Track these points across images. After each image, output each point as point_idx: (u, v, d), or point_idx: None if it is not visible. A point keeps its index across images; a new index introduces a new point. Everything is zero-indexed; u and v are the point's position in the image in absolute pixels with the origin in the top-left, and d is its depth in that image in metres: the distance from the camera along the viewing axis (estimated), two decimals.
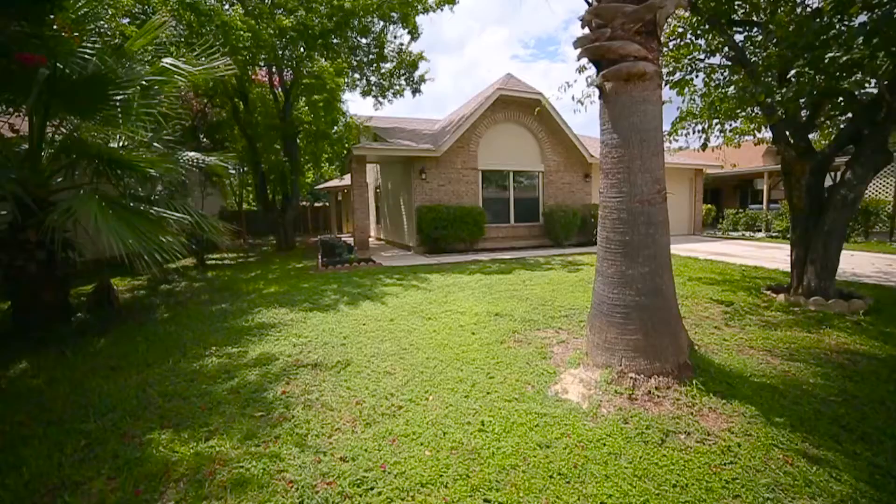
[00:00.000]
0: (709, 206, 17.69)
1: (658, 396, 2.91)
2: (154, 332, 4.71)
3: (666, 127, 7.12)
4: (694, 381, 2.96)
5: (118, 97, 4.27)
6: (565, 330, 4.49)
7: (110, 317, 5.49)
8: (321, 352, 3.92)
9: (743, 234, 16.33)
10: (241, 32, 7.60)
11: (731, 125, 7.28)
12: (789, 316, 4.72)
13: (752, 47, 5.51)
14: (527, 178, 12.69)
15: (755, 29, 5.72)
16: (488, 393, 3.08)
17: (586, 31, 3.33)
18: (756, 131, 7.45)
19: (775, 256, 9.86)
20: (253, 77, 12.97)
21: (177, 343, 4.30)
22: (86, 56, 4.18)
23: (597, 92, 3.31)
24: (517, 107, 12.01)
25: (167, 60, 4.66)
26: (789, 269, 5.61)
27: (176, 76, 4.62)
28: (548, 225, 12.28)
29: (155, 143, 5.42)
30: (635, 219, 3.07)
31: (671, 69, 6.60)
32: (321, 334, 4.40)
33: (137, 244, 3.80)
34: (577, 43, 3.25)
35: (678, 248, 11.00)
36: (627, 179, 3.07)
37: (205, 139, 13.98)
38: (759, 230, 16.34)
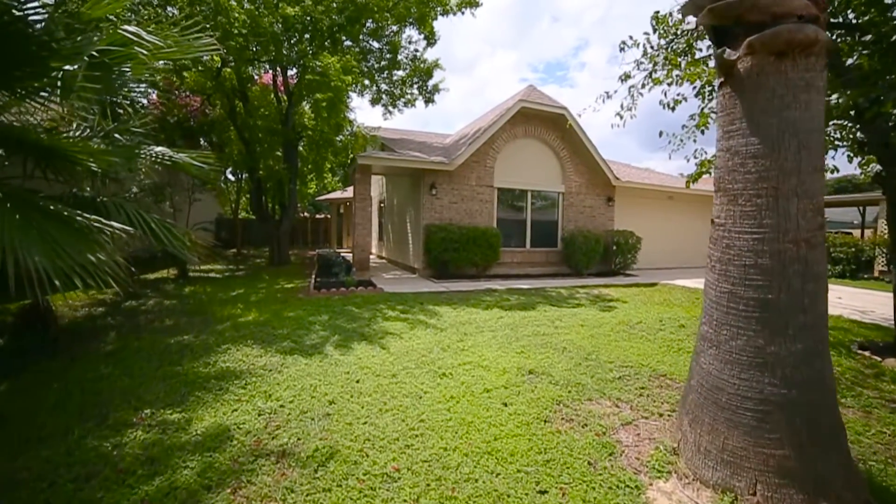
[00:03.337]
0: None
1: None
2: (81, 376, 3.58)
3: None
4: None
5: (53, 66, 3.26)
6: (626, 402, 3.36)
7: (40, 346, 4.38)
8: (295, 428, 2.78)
9: None
10: (237, 14, 6.69)
11: None
12: None
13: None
14: (546, 200, 11.68)
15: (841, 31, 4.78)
16: None
17: None
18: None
19: None
20: (256, 79, 12.16)
21: (102, 397, 3.17)
22: (13, 12, 3.19)
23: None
24: (539, 121, 11.10)
25: (128, 28, 3.68)
26: (893, 324, 4.50)
27: (137, 48, 3.62)
28: (567, 251, 11.20)
29: (116, 135, 4.44)
30: (785, 268, 1.99)
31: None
32: (299, 395, 3.26)
33: (48, 262, 2.71)
34: (692, 4, 2.23)
35: None
36: (774, 206, 2.00)
37: (204, 142, 13.08)
38: None
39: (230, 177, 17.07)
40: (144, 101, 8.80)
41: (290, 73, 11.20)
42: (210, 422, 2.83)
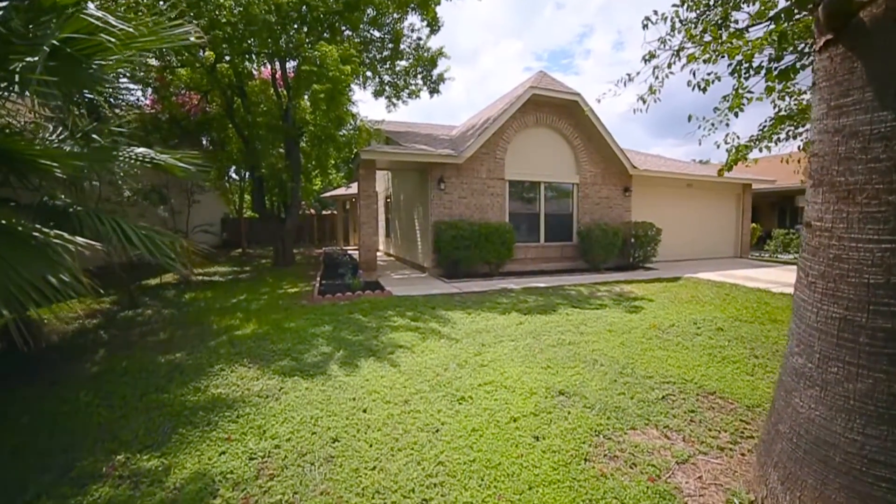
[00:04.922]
0: (754, 225, 15.93)
1: None
2: (55, 408, 3.19)
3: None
4: None
5: (10, 58, 2.83)
6: (676, 431, 2.87)
7: (24, 366, 4.02)
8: (292, 477, 2.34)
9: (795, 258, 14.51)
10: (223, 1, 6.19)
11: None
12: None
13: None
14: (559, 191, 11.11)
15: None
16: None
17: None
18: None
19: None
20: (256, 75, 11.69)
21: (73, 437, 2.76)
22: None
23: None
24: (550, 109, 10.50)
25: (93, 13, 3.21)
26: None
27: (104, 35, 3.16)
28: (584, 245, 10.64)
29: (94, 136, 4.04)
30: None
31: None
32: (298, 430, 2.83)
33: None
34: None
35: (735, 276, 9.30)
36: None
37: (206, 141, 12.69)
38: None
39: (234, 176, 16.71)
40: (133, 99, 8.39)
41: (289, 66, 10.71)
42: (192, 470, 2.40)
